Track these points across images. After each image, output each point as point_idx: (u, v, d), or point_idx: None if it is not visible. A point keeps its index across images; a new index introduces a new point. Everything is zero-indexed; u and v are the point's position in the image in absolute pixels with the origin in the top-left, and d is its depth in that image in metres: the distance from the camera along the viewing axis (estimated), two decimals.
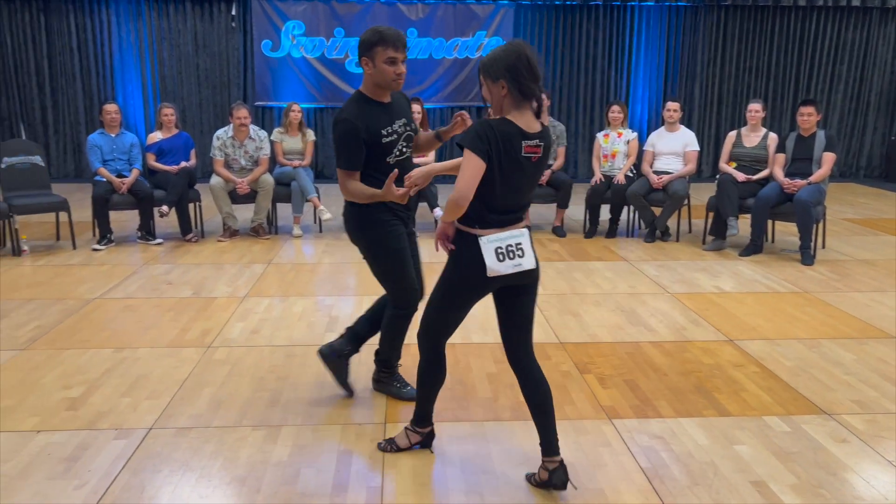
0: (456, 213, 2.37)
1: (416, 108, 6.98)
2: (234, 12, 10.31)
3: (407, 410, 3.16)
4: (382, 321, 3.19)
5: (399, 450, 2.82)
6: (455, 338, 4.04)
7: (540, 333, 4.17)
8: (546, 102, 6.84)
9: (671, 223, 6.78)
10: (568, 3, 10.58)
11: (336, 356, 3.26)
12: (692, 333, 4.22)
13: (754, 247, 6.11)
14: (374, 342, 3.28)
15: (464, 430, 3.00)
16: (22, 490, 2.54)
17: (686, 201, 6.64)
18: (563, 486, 2.51)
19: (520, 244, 2.44)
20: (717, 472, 2.69)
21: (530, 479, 2.62)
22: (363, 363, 3.69)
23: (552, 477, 2.51)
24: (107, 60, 10.36)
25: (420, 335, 2.66)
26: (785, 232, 6.96)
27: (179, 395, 3.32)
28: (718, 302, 4.83)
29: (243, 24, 10.43)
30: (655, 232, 6.67)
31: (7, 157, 6.20)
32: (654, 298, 4.90)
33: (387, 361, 3.33)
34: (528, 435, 2.95)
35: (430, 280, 2.77)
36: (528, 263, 2.45)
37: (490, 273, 2.41)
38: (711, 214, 6.40)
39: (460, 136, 2.43)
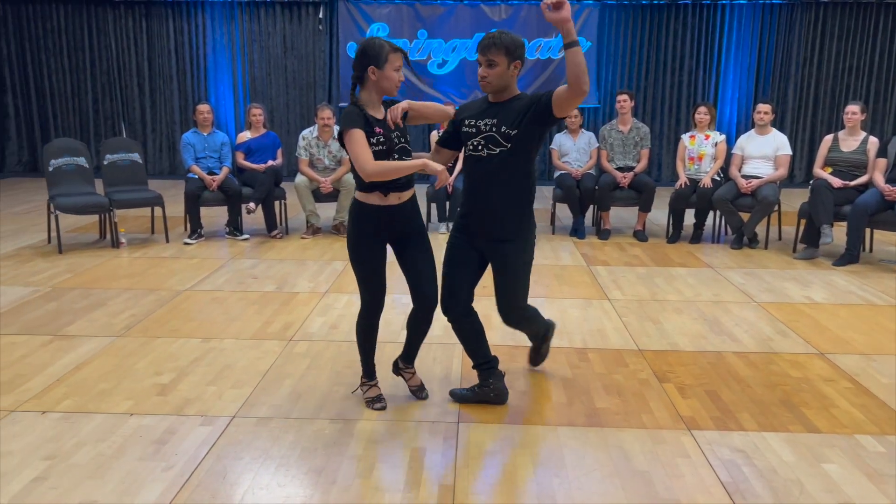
0: None
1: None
2: (321, 15, 10.58)
3: (483, 411, 3.17)
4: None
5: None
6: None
7: (618, 340, 4.10)
8: (629, 104, 6.72)
9: (760, 230, 6.53)
10: (655, 1, 10.34)
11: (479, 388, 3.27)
12: (779, 345, 4.04)
13: (850, 256, 5.80)
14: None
15: (537, 434, 2.98)
16: (116, 469, 2.69)
17: (776, 207, 6.37)
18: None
19: None
20: (802, 490, 2.57)
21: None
22: (438, 361, 3.71)
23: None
24: (201, 62, 10.84)
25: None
26: (884, 241, 6.58)
27: (261, 385, 3.44)
28: (809, 313, 4.61)
29: (330, 27, 10.69)
30: (743, 238, 6.43)
31: (109, 154, 6.57)
32: (739, 307, 4.73)
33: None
34: (602, 441, 2.91)
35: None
36: None
37: None
38: (804, 221, 6.12)
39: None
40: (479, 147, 2.96)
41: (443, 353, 3.83)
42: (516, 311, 3.16)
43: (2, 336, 4.07)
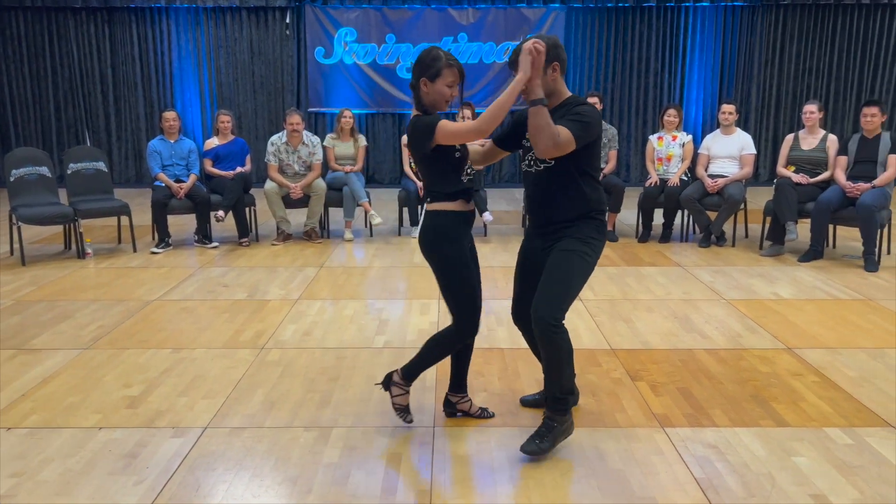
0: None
1: (466, 113, 6.99)
2: (288, 20, 10.51)
3: (459, 420, 3.17)
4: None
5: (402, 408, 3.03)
6: (504, 342, 4.05)
7: (591, 339, 4.13)
8: (599, 106, 6.78)
9: (727, 228, 6.63)
10: (620, 4, 10.46)
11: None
12: (748, 341, 4.11)
13: (814, 252, 5.92)
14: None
15: (512, 435, 2.98)
16: (85, 485, 2.63)
17: (742, 205, 6.48)
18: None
19: None
20: (774, 484, 2.61)
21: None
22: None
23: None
24: (166, 69, 10.69)
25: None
26: (847, 237, 6.73)
27: (234, 395, 3.40)
28: (776, 309, 4.69)
29: (297, 32, 10.62)
30: (710, 237, 6.53)
31: (73, 163, 6.44)
32: (708, 305, 4.80)
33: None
34: (578, 441, 2.92)
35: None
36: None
37: None
38: (769, 219, 6.23)
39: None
40: (531, 163, 2.86)
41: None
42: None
43: None
